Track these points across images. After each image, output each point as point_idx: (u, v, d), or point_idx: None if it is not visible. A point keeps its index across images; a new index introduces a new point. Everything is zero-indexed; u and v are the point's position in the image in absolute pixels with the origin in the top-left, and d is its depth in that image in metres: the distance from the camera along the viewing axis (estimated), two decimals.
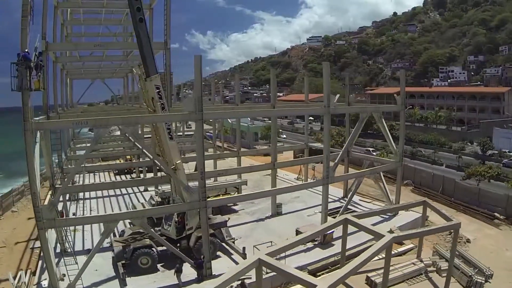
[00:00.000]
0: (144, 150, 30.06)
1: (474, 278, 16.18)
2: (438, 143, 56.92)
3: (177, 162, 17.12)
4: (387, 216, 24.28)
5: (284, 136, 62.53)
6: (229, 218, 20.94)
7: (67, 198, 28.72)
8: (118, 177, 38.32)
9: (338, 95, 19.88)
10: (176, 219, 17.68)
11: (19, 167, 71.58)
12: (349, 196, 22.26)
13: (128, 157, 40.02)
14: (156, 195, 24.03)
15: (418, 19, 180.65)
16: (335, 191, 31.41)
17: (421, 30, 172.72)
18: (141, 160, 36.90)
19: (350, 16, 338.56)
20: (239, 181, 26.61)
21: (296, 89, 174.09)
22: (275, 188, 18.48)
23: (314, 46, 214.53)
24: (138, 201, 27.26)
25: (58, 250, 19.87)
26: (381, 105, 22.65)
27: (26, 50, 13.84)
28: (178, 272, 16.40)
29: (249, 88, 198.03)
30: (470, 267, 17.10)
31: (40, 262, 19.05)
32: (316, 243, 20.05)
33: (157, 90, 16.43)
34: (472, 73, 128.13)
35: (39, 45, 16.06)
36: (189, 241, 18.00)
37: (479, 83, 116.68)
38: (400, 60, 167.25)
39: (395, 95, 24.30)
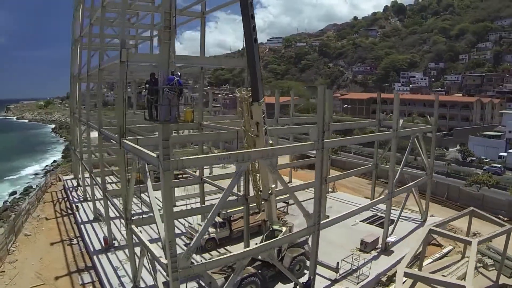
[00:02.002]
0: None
1: None
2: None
3: (272, 186, 18.95)
4: (418, 223, 29.17)
5: None
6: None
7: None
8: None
9: (402, 120, 23.92)
10: None
11: None
12: (400, 208, 26.53)
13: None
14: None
15: (379, 24, 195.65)
16: (355, 199, 36.04)
17: (382, 36, 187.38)
18: None
19: (305, 17, 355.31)
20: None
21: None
22: (352, 210, 21.67)
23: (274, 47, 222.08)
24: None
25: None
26: (424, 126, 27.20)
27: (178, 72, 12.75)
28: None
29: (208, 87, 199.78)
30: (510, 261, 22.14)
31: None
32: (378, 251, 23.95)
33: (263, 115, 17.18)
34: (433, 79, 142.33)
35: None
36: (283, 262, 19.29)
37: (440, 89, 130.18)
38: (361, 64, 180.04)
39: (428, 116, 29.07)
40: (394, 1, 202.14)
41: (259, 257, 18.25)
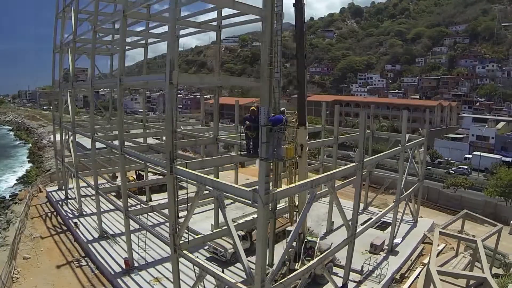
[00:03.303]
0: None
1: (506, 260, 25.80)
2: None
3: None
4: (411, 224, 33.48)
5: None
6: (332, 243, 24.93)
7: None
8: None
9: (408, 135, 27.96)
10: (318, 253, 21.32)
11: None
12: (402, 213, 30.47)
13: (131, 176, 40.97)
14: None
15: (336, 26, 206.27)
16: (347, 203, 39.76)
17: (339, 37, 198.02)
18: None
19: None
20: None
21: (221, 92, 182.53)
22: (376, 216, 25.14)
23: (230, 46, 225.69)
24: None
25: None
26: (419, 138, 31.18)
27: (283, 108, 14.54)
28: None
29: None
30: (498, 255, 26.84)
31: None
32: (385, 252, 27.64)
33: (307, 137, 19.73)
34: (390, 81, 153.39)
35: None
36: (316, 269, 20.89)
37: (397, 91, 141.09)
38: (318, 65, 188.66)
39: (420, 129, 33.62)
40: (351, 3, 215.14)
41: (296, 267, 20.95)
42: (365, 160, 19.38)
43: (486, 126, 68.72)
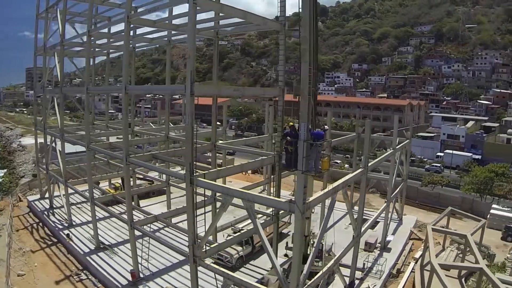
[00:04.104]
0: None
1: (490, 252, 28.92)
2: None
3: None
4: (397, 222, 36.18)
5: None
6: (332, 243, 27.17)
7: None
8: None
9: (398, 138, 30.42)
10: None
11: None
12: (391, 212, 32.97)
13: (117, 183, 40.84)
14: None
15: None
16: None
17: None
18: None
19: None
20: None
21: None
22: (373, 217, 27.35)
23: (196, 45, 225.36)
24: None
25: None
26: (405, 140, 33.77)
27: (325, 126, 16.63)
28: None
29: None
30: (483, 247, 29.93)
31: None
32: (378, 249, 30.00)
33: None
34: (358, 80, 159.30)
35: None
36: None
37: (364, 89, 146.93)
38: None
39: (404, 131, 36.35)
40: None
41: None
42: (368, 165, 21.48)
43: (458, 126, 73.77)
